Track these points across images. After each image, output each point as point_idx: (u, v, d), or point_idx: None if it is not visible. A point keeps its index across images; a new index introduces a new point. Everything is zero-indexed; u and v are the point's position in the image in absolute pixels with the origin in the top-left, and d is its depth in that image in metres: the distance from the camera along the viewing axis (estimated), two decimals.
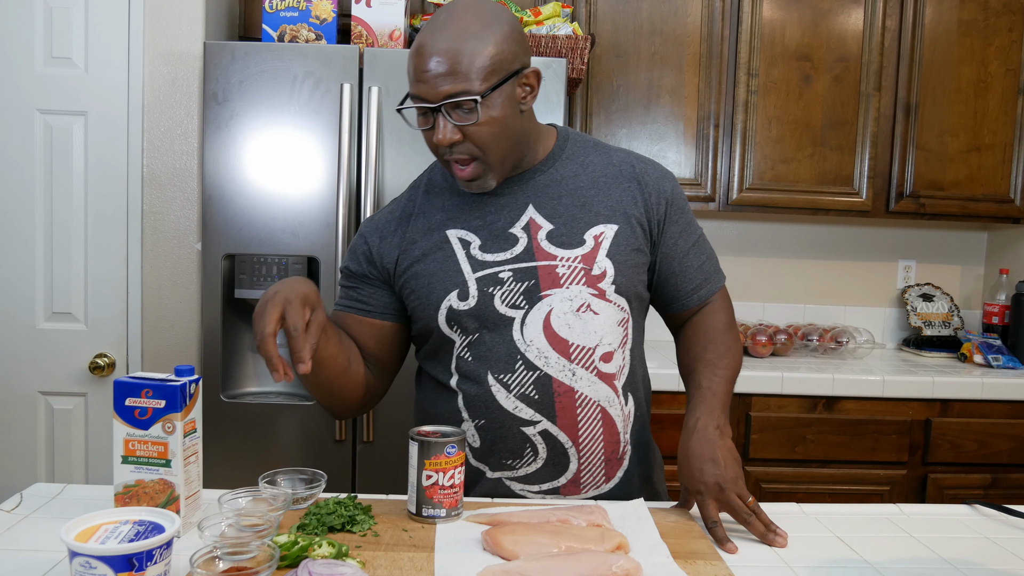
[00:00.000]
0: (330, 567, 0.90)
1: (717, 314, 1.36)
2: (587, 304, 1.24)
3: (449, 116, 1.15)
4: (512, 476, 1.27)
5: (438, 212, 1.30)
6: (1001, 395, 2.36)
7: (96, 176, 2.23)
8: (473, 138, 1.16)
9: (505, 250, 1.25)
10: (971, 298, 3.03)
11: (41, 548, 1.01)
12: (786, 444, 2.33)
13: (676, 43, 2.55)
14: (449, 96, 1.13)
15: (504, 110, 1.17)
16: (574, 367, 1.23)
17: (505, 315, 1.23)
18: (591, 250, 1.25)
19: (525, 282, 1.23)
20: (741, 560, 1.05)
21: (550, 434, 1.23)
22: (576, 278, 1.24)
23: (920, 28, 2.58)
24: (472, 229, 1.27)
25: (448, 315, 1.25)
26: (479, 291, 1.23)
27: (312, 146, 2.11)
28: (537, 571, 0.94)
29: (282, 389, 2.28)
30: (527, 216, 1.26)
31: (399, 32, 2.24)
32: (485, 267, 1.24)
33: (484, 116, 1.15)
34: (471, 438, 1.27)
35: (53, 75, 2.20)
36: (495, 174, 1.22)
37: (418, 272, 1.27)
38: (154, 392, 1.04)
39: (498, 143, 1.18)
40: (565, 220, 1.26)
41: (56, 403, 2.27)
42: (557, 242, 1.25)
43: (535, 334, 1.23)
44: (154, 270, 2.27)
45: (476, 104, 1.13)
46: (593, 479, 1.27)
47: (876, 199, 2.63)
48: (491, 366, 1.23)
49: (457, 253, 1.26)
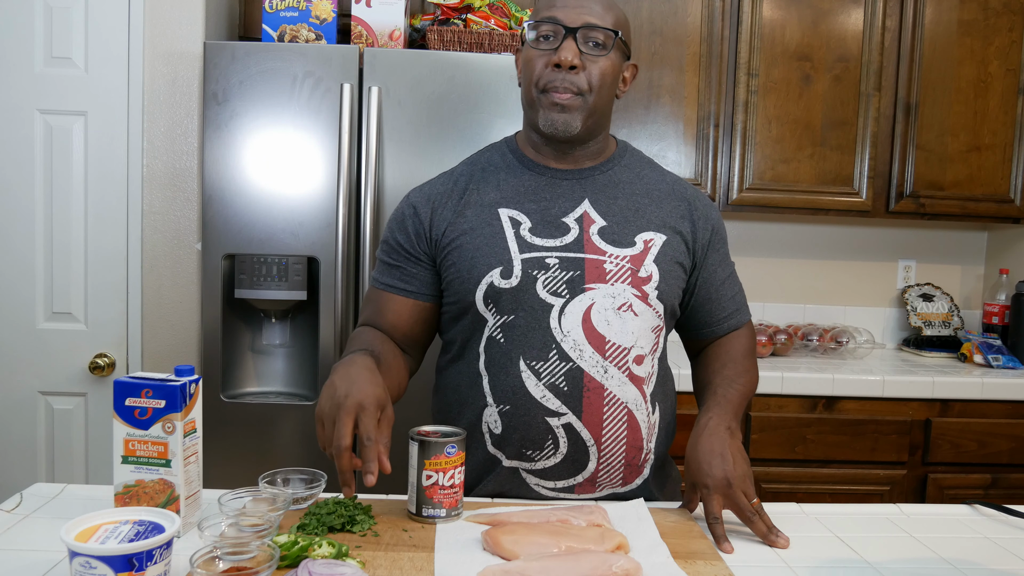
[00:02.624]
0: (330, 567, 0.90)
1: (741, 340, 1.39)
2: (629, 304, 1.24)
3: (578, 43, 1.21)
4: (529, 468, 1.25)
5: (493, 190, 1.30)
6: (1001, 395, 2.36)
7: (96, 176, 2.23)
8: (590, 71, 1.22)
9: (556, 237, 1.25)
10: (971, 298, 3.03)
11: (41, 548, 1.01)
12: (786, 444, 2.33)
13: (676, 43, 2.55)
14: (589, 24, 1.21)
15: (615, 67, 1.26)
16: (607, 364, 1.22)
17: (545, 301, 1.22)
18: (640, 253, 1.26)
19: (570, 272, 1.23)
20: (741, 560, 1.05)
21: (573, 429, 1.22)
22: (622, 276, 1.24)
23: (920, 28, 2.58)
24: (525, 211, 1.27)
25: (487, 291, 1.24)
26: (523, 272, 1.23)
27: (312, 146, 2.11)
28: (537, 571, 0.94)
29: (282, 389, 2.28)
30: (582, 209, 1.28)
31: (399, 32, 2.24)
32: (533, 250, 1.24)
33: (606, 58, 1.23)
34: (493, 424, 1.25)
35: (53, 75, 2.20)
36: (583, 118, 1.25)
37: (463, 244, 1.26)
38: (154, 392, 1.04)
39: (602, 90, 1.24)
40: (618, 220, 1.28)
41: (56, 403, 2.27)
42: (608, 239, 1.26)
43: (573, 325, 1.22)
44: (154, 270, 2.27)
45: (614, 39, 1.23)
46: (611, 481, 1.26)
47: (876, 199, 2.63)
48: (524, 351, 1.22)
49: (506, 231, 1.25)
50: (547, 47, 1.22)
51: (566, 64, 1.20)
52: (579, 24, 1.21)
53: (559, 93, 1.22)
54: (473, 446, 1.27)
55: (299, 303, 2.20)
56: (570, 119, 1.23)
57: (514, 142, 1.36)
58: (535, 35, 1.24)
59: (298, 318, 2.27)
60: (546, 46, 1.23)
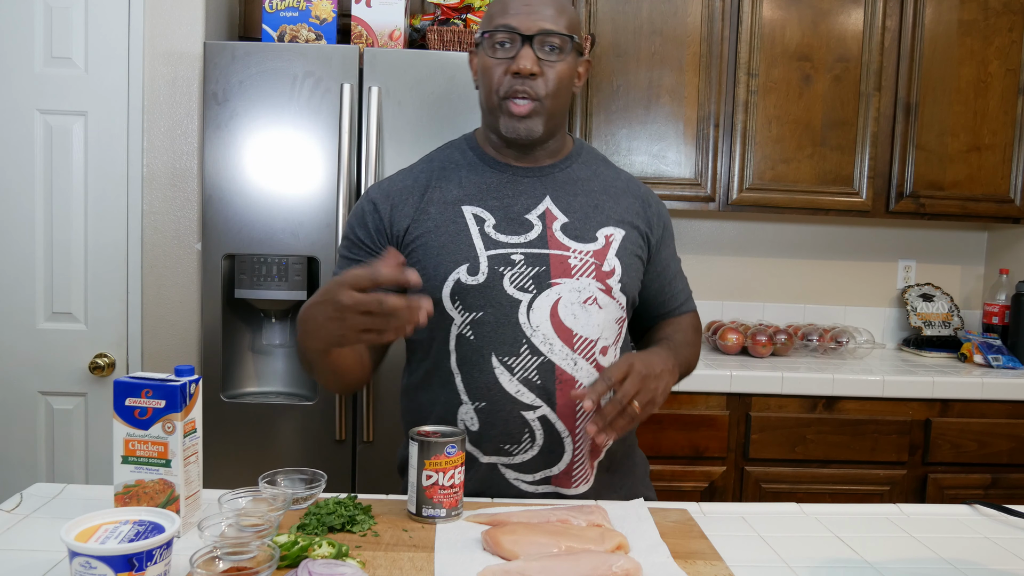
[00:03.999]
0: (330, 567, 0.90)
1: (689, 317, 1.46)
2: (594, 297, 1.26)
3: (534, 50, 1.23)
4: (507, 463, 1.26)
5: (455, 188, 1.31)
6: (1001, 395, 2.36)
7: (96, 176, 2.24)
8: (547, 76, 1.24)
9: (520, 234, 1.27)
10: (971, 298, 3.03)
11: (41, 548, 1.01)
12: (786, 444, 2.33)
13: (676, 43, 2.55)
14: (544, 31, 1.23)
15: (571, 69, 1.28)
16: (576, 357, 1.24)
17: (513, 296, 1.24)
18: (602, 247, 1.29)
19: (536, 267, 1.25)
20: (741, 560, 1.05)
21: (548, 421, 1.24)
22: (587, 271, 1.27)
23: (920, 28, 2.58)
24: (488, 208, 1.28)
25: (454, 288, 1.24)
26: (490, 268, 1.24)
27: (312, 146, 2.11)
28: (537, 571, 0.94)
29: (282, 389, 2.28)
30: (544, 206, 1.30)
31: (399, 32, 2.24)
32: (498, 246, 1.26)
33: (563, 62, 1.25)
34: (469, 421, 1.26)
35: (53, 75, 2.20)
36: (544, 122, 1.27)
37: (428, 243, 1.27)
38: (154, 392, 1.04)
39: (559, 93, 1.27)
40: (579, 216, 1.30)
41: (56, 403, 2.27)
42: (571, 235, 1.28)
43: (542, 320, 1.24)
44: (154, 270, 2.27)
45: (569, 43, 1.25)
46: (583, 472, 1.28)
47: (876, 199, 2.63)
48: (495, 347, 1.24)
49: (471, 228, 1.27)
50: (504, 55, 1.25)
51: (525, 72, 1.22)
52: (535, 31, 1.23)
53: (518, 105, 1.24)
54: None
55: (299, 303, 2.20)
56: (532, 125, 1.26)
57: (474, 140, 1.37)
58: (491, 42, 1.25)
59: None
60: (503, 54, 1.25)
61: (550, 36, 1.23)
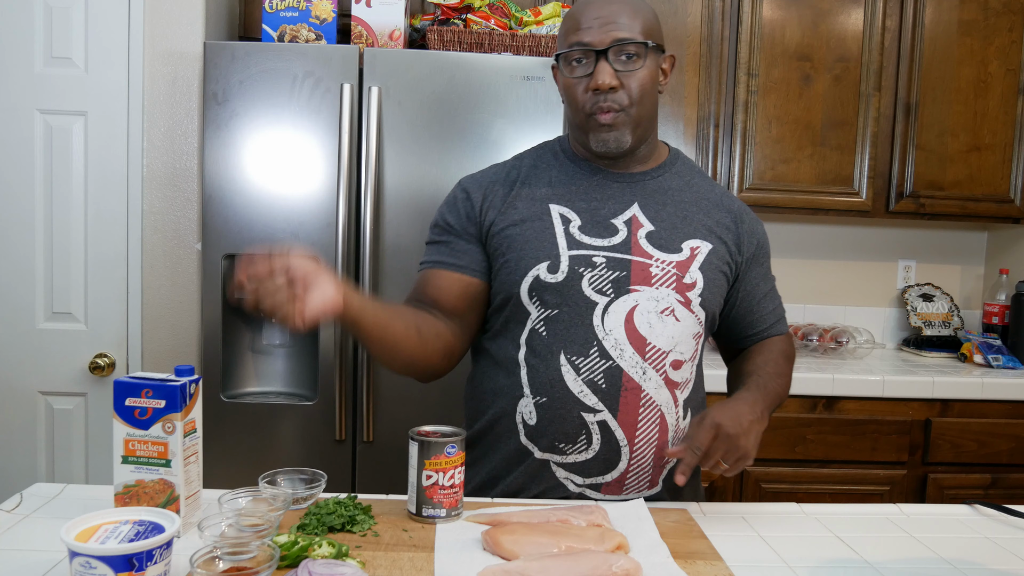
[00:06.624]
0: (330, 567, 0.90)
1: (781, 343, 1.42)
2: (671, 308, 1.25)
3: (611, 62, 1.21)
4: (560, 461, 1.26)
5: (544, 186, 1.31)
6: (1001, 395, 2.36)
7: (96, 176, 2.23)
8: (628, 86, 1.23)
9: (604, 237, 1.27)
10: (971, 298, 3.03)
11: (41, 548, 1.01)
12: (786, 444, 2.33)
13: (676, 43, 2.55)
14: (618, 41, 1.21)
15: (653, 73, 1.26)
16: (646, 366, 1.24)
17: (590, 298, 1.24)
18: (686, 259, 1.28)
19: (617, 272, 1.25)
20: (741, 560, 1.05)
21: (608, 427, 1.23)
22: (667, 281, 1.26)
23: (920, 28, 2.58)
24: (575, 209, 1.29)
25: (532, 284, 1.25)
26: (570, 268, 1.24)
27: (312, 146, 2.11)
28: (537, 571, 0.94)
29: (282, 389, 2.28)
30: (631, 212, 1.29)
31: (399, 32, 2.24)
32: (581, 247, 1.26)
33: (643, 68, 1.23)
34: (527, 415, 1.26)
35: (53, 75, 2.20)
36: (631, 131, 1.26)
37: (512, 236, 1.28)
38: (154, 392, 1.04)
39: (643, 100, 1.25)
40: (666, 226, 1.29)
41: (56, 403, 2.27)
42: (655, 243, 1.27)
43: (615, 324, 1.23)
44: (154, 270, 2.27)
45: (645, 49, 1.22)
46: (639, 482, 1.27)
47: (876, 199, 2.63)
48: (565, 346, 1.24)
49: (556, 226, 1.27)
50: (582, 72, 1.24)
51: (604, 88, 1.22)
52: (608, 43, 1.21)
53: (603, 114, 1.24)
54: (504, 437, 1.28)
55: None
56: (620, 135, 1.25)
57: (566, 141, 1.38)
58: (567, 60, 1.25)
59: None
60: (581, 71, 1.24)
61: (625, 45, 1.21)
